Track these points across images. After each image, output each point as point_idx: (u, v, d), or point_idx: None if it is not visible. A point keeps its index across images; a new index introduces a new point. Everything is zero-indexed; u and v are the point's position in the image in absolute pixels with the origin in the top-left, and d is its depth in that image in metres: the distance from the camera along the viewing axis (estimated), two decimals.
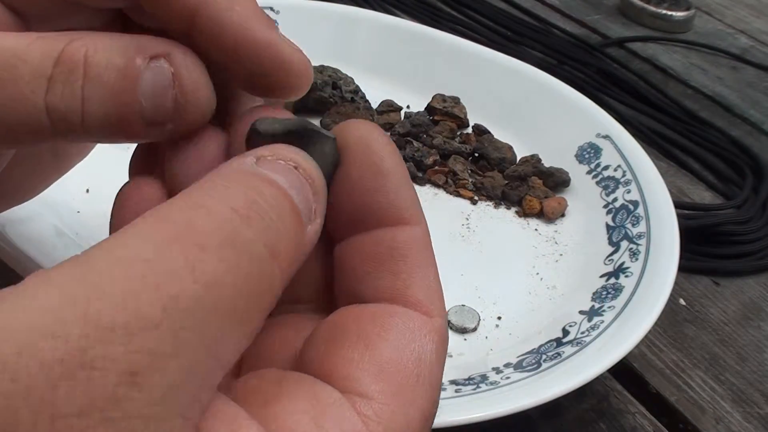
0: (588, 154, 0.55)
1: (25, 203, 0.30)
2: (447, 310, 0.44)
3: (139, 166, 0.23)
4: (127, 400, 0.12)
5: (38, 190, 0.29)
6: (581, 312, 0.43)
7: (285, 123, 0.20)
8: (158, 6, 0.20)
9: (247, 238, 0.16)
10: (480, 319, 0.44)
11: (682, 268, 0.45)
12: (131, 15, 0.24)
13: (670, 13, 0.85)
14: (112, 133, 0.19)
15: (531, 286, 0.47)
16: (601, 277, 0.46)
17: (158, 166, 0.21)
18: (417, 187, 0.53)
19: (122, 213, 0.21)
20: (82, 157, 0.29)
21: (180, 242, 0.14)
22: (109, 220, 0.22)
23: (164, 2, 0.20)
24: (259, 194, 0.17)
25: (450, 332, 0.43)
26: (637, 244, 0.46)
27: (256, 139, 0.19)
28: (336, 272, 0.21)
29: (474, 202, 0.53)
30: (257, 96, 0.22)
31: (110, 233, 0.16)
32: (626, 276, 0.44)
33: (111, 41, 0.19)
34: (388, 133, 0.56)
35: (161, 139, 0.20)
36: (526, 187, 0.53)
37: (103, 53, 0.19)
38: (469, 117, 0.59)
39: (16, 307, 0.12)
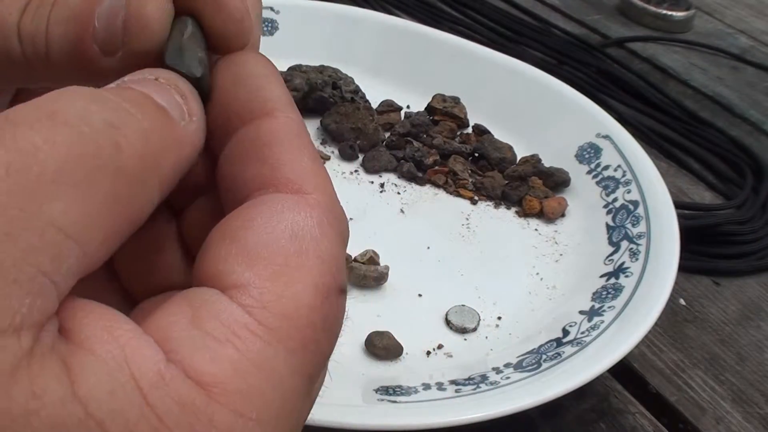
0: (588, 154, 0.55)
1: None
2: (447, 310, 0.44)
3: None
4: None
5: None
6: (581, 312, 0.43)
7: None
8: None
9: (72, 112, 0.15)
10: (480, 319, 0.44)
11: (682, 268, 0.45)
12: None
13: (670, 13, 0.85)
14: (71, 61, 0.20)
15: (531, 286, 0.47)
16: (601, 277, 0.46)
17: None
18: (417, 187, 0.54)
19: None
20: None
21: None
22: None
23: None
24: (108, 92, 0.16)
25: (450, 332, 0.43)
26: (637, 244, 0.46)
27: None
28: (219, 187, 0.20)
29: (474, 202, 0.53)
30: (216, 54, 0.22)
31: None
32: (626, 276, 0.44)
33: None
34: (388, 134, 0.57)
35: (114, 72, 0.20)
36: (526, 187, 0.53)
37: None
38: (469, 117, 0.59)
39: None
